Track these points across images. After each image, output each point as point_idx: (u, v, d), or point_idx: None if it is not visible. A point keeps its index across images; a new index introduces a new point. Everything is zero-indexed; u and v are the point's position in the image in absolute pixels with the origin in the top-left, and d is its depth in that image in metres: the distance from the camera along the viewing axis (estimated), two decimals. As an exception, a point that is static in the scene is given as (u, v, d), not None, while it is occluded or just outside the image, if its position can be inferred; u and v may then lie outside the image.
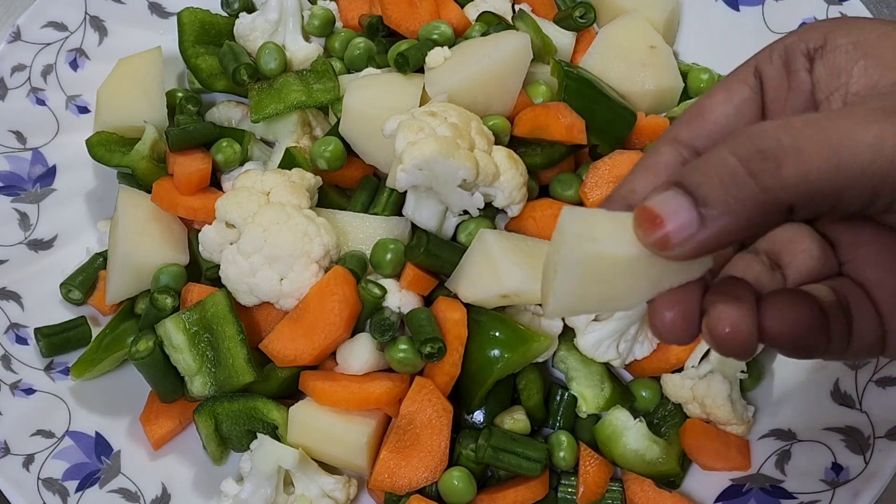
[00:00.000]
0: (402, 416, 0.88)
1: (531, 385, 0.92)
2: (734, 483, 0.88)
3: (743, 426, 0.90)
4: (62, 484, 0.89)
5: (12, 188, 1.04)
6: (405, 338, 0.89)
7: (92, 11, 1.14)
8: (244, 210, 0.90)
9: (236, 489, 0.88)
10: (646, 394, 0.94)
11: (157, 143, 1.02)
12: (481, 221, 0.93)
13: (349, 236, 0.95)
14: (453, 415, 0.89)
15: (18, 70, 1.09)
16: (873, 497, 0.82)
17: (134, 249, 0.95)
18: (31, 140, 1.07)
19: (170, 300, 0.93)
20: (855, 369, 0.90)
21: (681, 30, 1.14)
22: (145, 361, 0.89)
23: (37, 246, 1.03)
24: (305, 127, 1.04)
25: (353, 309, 0.89)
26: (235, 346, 0.89)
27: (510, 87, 0.98)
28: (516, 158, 0.91)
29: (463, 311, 0.89)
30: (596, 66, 1.04)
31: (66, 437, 0.93)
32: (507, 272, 0.86)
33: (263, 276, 0.89)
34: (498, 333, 0.88)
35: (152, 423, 0.94)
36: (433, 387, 0.88)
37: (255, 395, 0.91)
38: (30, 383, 0.95)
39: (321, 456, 0.90)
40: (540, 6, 1.12)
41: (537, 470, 0.87)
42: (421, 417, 0.88)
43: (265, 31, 1.08)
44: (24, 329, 0.98)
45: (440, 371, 0.89)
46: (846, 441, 0.86)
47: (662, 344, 0.91)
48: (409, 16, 1.05)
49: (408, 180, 0.85)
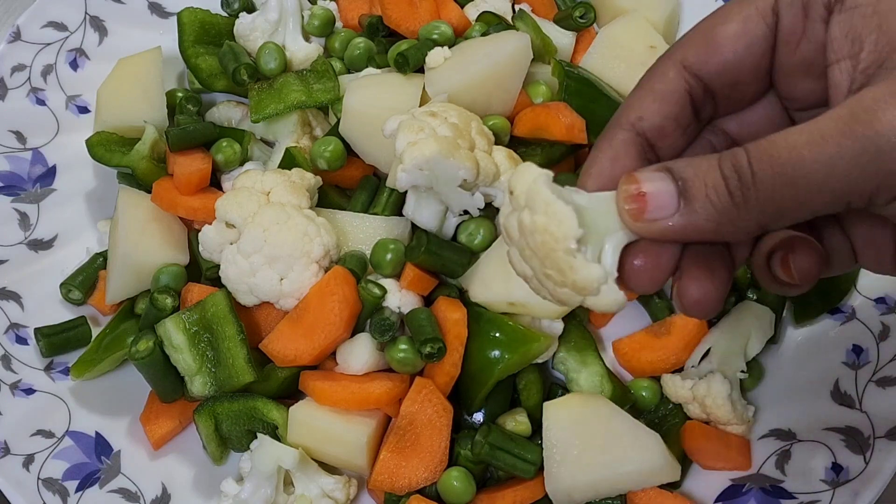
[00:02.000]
0: (403, 416, 0.88)
1: (531, 386, 0.92)
2: (734, 483, 0.88)
3: (743, 426, 0.90)
4: (62, 484, 0.89)
5: (12, 188, 1.04)
6: (405, 338, 0.89)
7: (92, 11, 1.14)
8: (244, 210, 0.90)
9: (236, 489, 0.88)
10: (646, 394, 0.94)
11: (157, 143, 1.02)
12: (482, 222, 0.93)
13: (349, 236, 0.95)
14: (453, 415, 0.89)
15: (18, 70, 1.09)
16: (873, 497, 0.82)
17: (134, 249, 0.95)
18: (31, 140, 1.07)
19: (170, 300, 0.93)
20: (855, 369, 0.90)
21: (681, 30, 1.14)
22: (145, 361, 0.89)
23: (37, 246, 1.03)
24: (305, 127, 1.04)
25: (353, 309, 0.89)
26: (235, 346, 0.89)
27: (510, 87, 0.98)
28: (516, 158, 0.91)
29: (463, 311, 0.89)
30: (596, 66, 1.04)
31: (66, 437, 0.93)
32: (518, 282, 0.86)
33: (263, 276, 0.89)
34: (498, 334, 0.88)
35: (152, 423, 0.94)
36: (433, 387, 0.88)
37: (255, 395, 0.91)
38: (30, 383, 0.95)
39: (321, 456, 0.90)
40: (540, 6, 1.12)
41: (531, 472, 0.87)
42: (421, 418, 0.88)
43: (265, 31, 1.08)
44: (24, 329, 0.98)
45: (440, 371, 0.89)
46: (846, 441, 0.86)
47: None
48: (409, 16, 1.05)
49: (408, 180, 0.85)
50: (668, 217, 0.52)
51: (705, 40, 0.57)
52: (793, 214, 0.51)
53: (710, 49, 0.57)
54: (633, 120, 0.58)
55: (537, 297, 0.85)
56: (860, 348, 0.91)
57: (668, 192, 0.52)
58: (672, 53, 0.58)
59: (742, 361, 0.93)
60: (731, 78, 0.58)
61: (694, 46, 0.57)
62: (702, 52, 0.57)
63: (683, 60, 0.57)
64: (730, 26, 0.57)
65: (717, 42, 0.57)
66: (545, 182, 0.53)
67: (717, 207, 0.51)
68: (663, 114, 0.57)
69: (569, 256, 0.52)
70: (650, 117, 0.57)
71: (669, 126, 0.58)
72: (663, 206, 0.52)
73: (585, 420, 0.86)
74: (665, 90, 0.58)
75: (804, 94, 0.59)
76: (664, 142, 0.58)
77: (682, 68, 0.57)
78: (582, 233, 0.52)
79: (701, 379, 0.91)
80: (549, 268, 0.54)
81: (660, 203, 0.52)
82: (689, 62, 0.57)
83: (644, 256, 0.55)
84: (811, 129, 0.49)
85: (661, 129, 0.58)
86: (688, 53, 0.57)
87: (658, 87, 0.58)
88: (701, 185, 0.51)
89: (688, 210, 0.51)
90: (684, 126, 0.59)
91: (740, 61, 0.57)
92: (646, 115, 0.57)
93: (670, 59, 0.58)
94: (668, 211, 0.51)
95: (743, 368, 0.92)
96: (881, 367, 0.89)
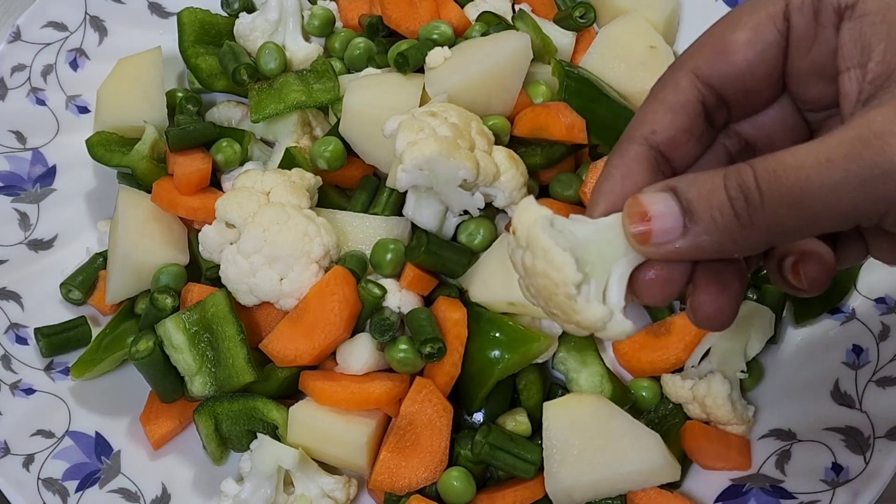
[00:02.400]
0: (403, 416, 0.88)
1: (531, 386, 0.92)
2: (734, 483, 0.88)
3: (743, 426, 0.90)
4: (62, 484, 0.89)
5: (12, 188, 1.04)
6: (405, 338, 0.89)
7: (92, 11, 1.14)
8: (244, 210, 0.90)
9: (236, 489, 0.88)
10: (645, 393, 0.94)
11: (157, 143, 1.02)
12: (482, 222, 0.93)
13: (349, 236, 0.95)
14: (453, 415, 0.89)
15: (18, 70, 1.09)
16: (873, 497, 0.82)
17: (134, 249, 0.95)
18: (31, 140, 1.07)
19: (170, 300, 0.93)
20: (855, 369, 0.90)
21: (681, 30, 1.14)
22: (145, 361, 0.89)
23: (37, 246, 1.03)
24: (305, 127, 1.04)
25: (353, 309, 0.89)
26: (235, 346, 0.89)
27: (510, 87, 0.98)
28: (517, 159, 0.91)
29: (463, 311, 0.89)
30: (596, 66, 1.04)
31: (66, 437, 0.93)
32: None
33: (263, 276, 0.89)
34: (498, 334, 0.88)
35: (152, 423, 0.94)
36: (433, 387, 0.88)
37: (255, 395, 0.91)
38: (30, 383, 0.95)
39: (321, 456, 0.90)
40: (540, 6, 1.12)
41: (531, 472, 0.87)
42: (421, 418, 0.88)
43: (265, 31, 1.08)
44: (24, 329, 0.98)
45: (440, 371, 0.89)
46: (846, 441, 0.86)
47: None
48: (409, 16, 1.05)
49: (408, 180, 0.85)
50: (674, 240, 0.51)
51: (716, 49, 0.56)
52: (800, 234, 0.51)
53: (722, 58, 0.56)
54: (647, 133, 0.57)
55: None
56: (860, 348, 0.91)
57: (673, 214, 0.51)
58: (683, 63, 0.58)
59: (742, 361, 0.93)
60: (744, 85, 0.57)
61: (705, 56, 0.57)
62: (714, 62, 0.56)
63: (695, 70, 0.57)
64: (741, 34, 0.56)
65: (728, 51, 0.56)
66: (543, 227, 0.53)
67: (723, 228, 0.51)
68: (677, 126, 0.57)
69: (570, 301, 0.53)
70: (663, 130, 0.57)
71: (683, 137, 0.58)
72: (669, 229, 0.51)
73: (585, 420, 0.86)
74: (678, 101, 0.57)
75: (817, 97, 0.58)
76: (678, 152, 0.58)
77: (695, 78, 0.57)
78: (581, 278, 0.52)
79: (701, 379, 0.91)
80: (553, 308, 0.54)
81: (665, 226, 0.51)
82: (702, 72, 0.57)
83: (656, 270, 0.54)
84: (818, 150, 0.49)
85: (674, 141, 0.57)
86: (699, 63, 0.57)
87: (671, 98, 0.57)
88: (706, 207, 0.51)
89: (694, 232, 0.51)
90: (698, 136, 0.59)
91: (753, 69, 0.56)
92: (659, 128, 0.57)
93: (682, 69, 0.57)
94: (675, 234, 0.51)
95: (743, 368, 0.92)
96: (881, 367, 0.89)
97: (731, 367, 0.92)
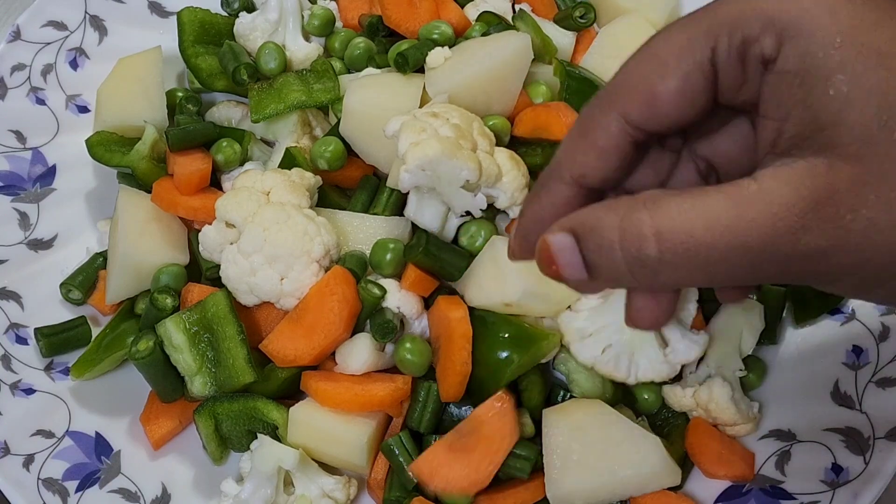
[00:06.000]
0: (475, 418, 0.86)
1: (532, 386, 0.92)
2: (734, 483, 0.88)
3: (750, 424, 0.90)
4: (62, 484, 0.89)
5: (12, 188, 1.04)
6: (411, 336, 0.89)
7: (92, 11, 1.14)
8: (244, 210, 0.90)
9: (236, 489, 0.88)
10: (647, 396, 0.93)
11: (157, 143, 1.02)
12: (483, 223, 0.92)
13: (349, 236, 0.95)
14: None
15: (18, 69, 1.09)
16: (873, 498, 0.82)
17: (134, 249, 0.95)
18: (31, 140, 1.07)
19: (170, 300, 0.93)
20: (855, 370, 0.90)
21: (681, 30, 1.14)
22: (145, 361, 0.89)
23: (37, 246, 1.03)
24: (305, 127, 1.04)
25: (353, 309, 0.89)
26: (236, 346, 0.89)
27: (510, 87, 0.98)
28: (518, 159, 0.91)
29: (464, 307, 0.88)
30: (596, 66, 1.04)
31: (66, 437, 0.93)
32: (512, 282, 0.86)
33: (264, 276, 0.89)
34: (507, 335, 0.87)
35: (152, 423, 0.94)
36: (512, 405, 0.86)
37: (256, 395, 0.91)
38: (30, 383, 0.95)
39: (321, 456, 0.90)
40: (540, 6, 1.12)
41: (526, 469, 0.86)
42: (488, 429, 0.85)
43: (265, 30, 1.08)
44: (24, 329, 0.98)
45: (451, 371, 0.87)
46: (846, 442, 0.86)
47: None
48: (409, 16, 1.05)
49: (411, 181, 0.85)
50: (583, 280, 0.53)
51: (645, 99, 0.54)
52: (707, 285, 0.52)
53: (653, 108, 0.54)
54: (577, 176, 0.57)
55: (532, 297, 0.86)
56: (860, 349, 0.91)
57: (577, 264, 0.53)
58: (612, 105, 0.56)
59: (738, 360, 0.92)
60: (678, 128, 0.56)
61: (634, 104, 0.55)
62: (644, 111, 0.55)
63: (625, 115, 0.55)
64: (670, 83, 0.54)
65: (658, 101, 0.54)
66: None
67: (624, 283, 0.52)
68: (609, 167, 0.56)
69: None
70: (594, 173, 0.56)
71: (616, 174, 0.57)
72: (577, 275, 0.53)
73: (585, 425, 0.86)
74: (608, 145, 0.56)
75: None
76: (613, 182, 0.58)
77: (625, 123, 0.55)
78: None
79: (701, 385, 0.90)
80: None
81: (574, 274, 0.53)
82: (632, 119, 0.55)
83: (642, 300, 0.56)
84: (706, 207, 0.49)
85: (607, 179, 0.57)
86: (629, 109, 0.55)
87: (601, 143, 0.56)
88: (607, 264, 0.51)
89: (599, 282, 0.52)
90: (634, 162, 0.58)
91: (684, 116, 0.55)
92: (589, 171, 0.56)
93: (609, 112, 0.56)
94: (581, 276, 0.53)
95: (740, 367, 0.92)
96: (881, 367, 0.89)
97: (729, 367, 0.92)
